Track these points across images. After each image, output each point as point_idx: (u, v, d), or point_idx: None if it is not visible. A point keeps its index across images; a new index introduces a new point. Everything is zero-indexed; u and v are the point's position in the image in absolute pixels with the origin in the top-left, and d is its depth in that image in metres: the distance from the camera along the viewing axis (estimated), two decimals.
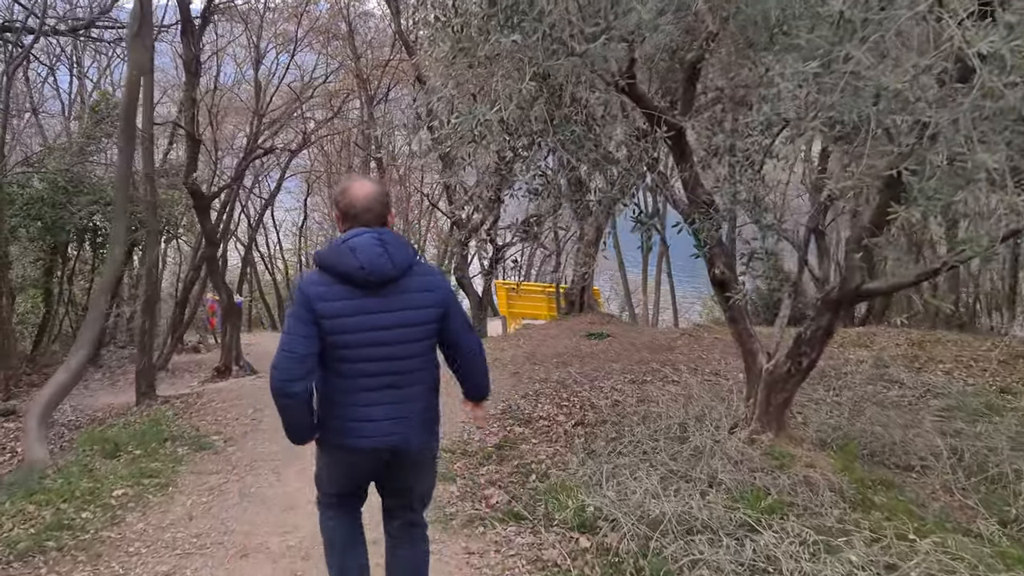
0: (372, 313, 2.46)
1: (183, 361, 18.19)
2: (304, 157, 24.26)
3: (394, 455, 2.59)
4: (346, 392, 2.52)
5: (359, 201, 2.53)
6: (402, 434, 2.56)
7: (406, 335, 2.51)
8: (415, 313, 2.51)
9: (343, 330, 2.44)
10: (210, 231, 11.82)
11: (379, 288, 2.45)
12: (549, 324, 9.25)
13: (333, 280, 2.46)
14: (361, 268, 2.42)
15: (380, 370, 2.50)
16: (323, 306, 2.43)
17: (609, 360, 7.73)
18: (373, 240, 2.45)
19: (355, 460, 2.63)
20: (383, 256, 2.44)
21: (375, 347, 2.47)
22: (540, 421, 5.94)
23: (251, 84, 16.88)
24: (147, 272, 8.42)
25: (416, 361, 2.56)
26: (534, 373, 7.32)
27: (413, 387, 2.57)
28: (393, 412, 2.54)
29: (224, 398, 7.89)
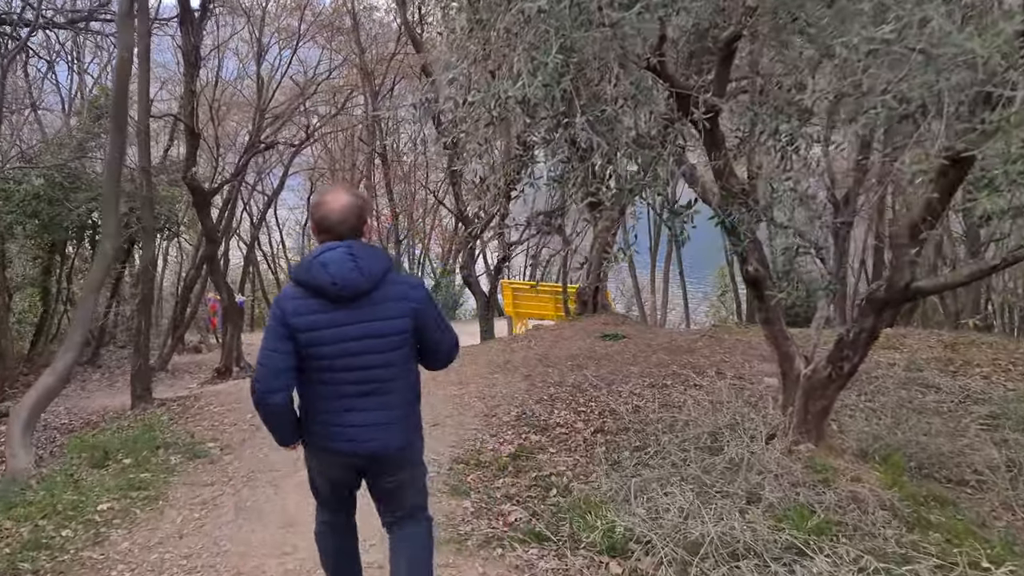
0: (345, 325, 2.53)
1: (183, 362, 17.85)
2: (308, 155, 23.94)
3: (374, 460, 2.67)
4: (326, 399, 2.60)
5: (333, 214, 2.58)
6: (381, 440, 2.63)
7: (380, 345, 2.57)
8: (388, 324, 2.58)
9: (319, 342, 2.52)
10: (210, 229, 11.47)
11: (351, 301, 2.52)
12: (561, 325, 8.88)
13: (307, 294, 2.53)
14: (333, 283, 2.49)
15: (357, 379, 2.58)
16: (297, 320, 2.51)
17: (626, 363, 7.36)
18: (344, 255, 2.51)
19: (337, 463, 2.71)
20: (354, 271, 2.50)
21: (350, 357, 2.55)
22: (557, 428, 5.57)
23: (253, 80, 16.58)
24: (143, 271, 8.07)
25: (392, 370, 2.62)
26: (548, 376, 6.95)
27: (391, 394, 2.64)
28: (371, 419, 2.61)
29: (222, 401, 7.53)
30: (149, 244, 8.09)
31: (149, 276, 8.14)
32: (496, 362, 7.47)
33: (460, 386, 6.71)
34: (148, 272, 8.03)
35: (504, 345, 8.37)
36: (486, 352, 8.18)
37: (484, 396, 6.41)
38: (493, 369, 7.24)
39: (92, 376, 15.68)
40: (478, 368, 7.34)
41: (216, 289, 12.25)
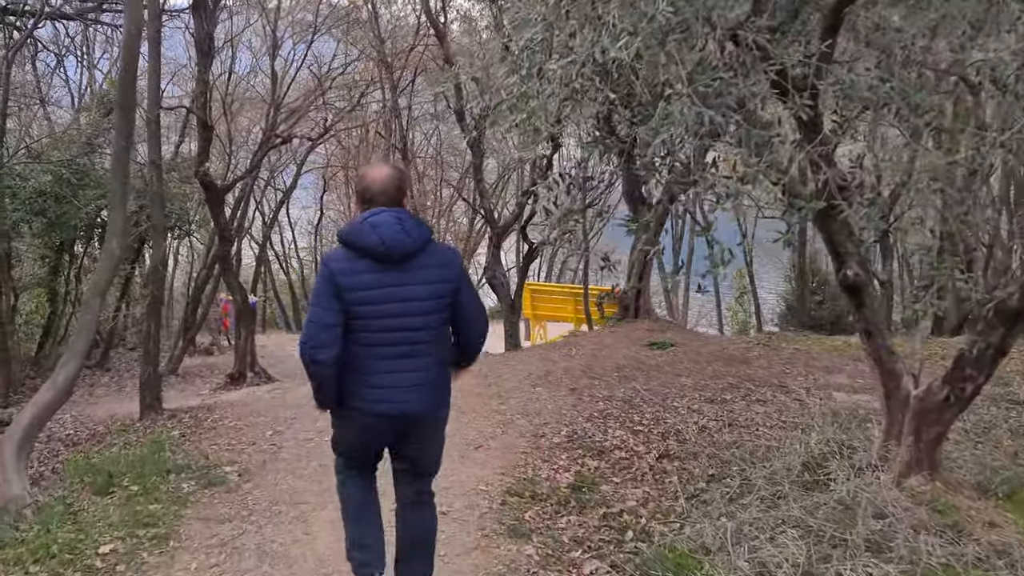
0: (390, 287, 2.61)
1: (194, 365, 17.31)
2: (320, 153, 23.39)
3: (406, 421, 2.73)
4: (364, 359, 2.65)
5: (375, 184, 2.72)
6: (414, 401, 2.70)
7: (420, 308, 2.65)
8: (430, 288, 2.67)
9: (363, 302, 2.60)
10: (224, 227, 10.91)
11: (397, 263, 2.61)
12: (601, 332, 8.24)
13: (355, 255, 2.62)
14: (381, 243, 2.58)
15: (396, 340, 2.65)
16: (344, 280, 2.59)
17: (677, 374, 6.73)
18: (392, 218, 2.62)
19: (369, 424, 2.75)
20: (401, 233, 2.60)
21: (391, 318, 2.63)
22: (616, 452, 4.94)
23: (267, 74, 16.03)
24: (153, 271, 7.51)
25: (430, 333, 2.70)
26: (595, 390, 6.33)
27: (426, 357, 2.70)
28: (406, 380, 2.68)
29: (238, 414, 6.94)
30: (160, 243, 7.51)
31: (159, 277, 7.57)
32: (536, 374, 6.85)
33: (500, 400, 6.10)
34: (158, 272, 7.46)
35: (541, 354, 7.75)
36: (522, 362, 7.56)
37: (528, 413, 5.78)
38: (534, 382, 6.62)
39: (100, 380, 15.14)
40: (517, 380, 6.72)
41: (229, 290, 11.69)
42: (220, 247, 10.93)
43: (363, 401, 2.68)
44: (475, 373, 7.01)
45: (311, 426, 5.85)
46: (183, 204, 15.57)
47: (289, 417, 6.38)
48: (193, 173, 10.43)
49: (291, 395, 7.96)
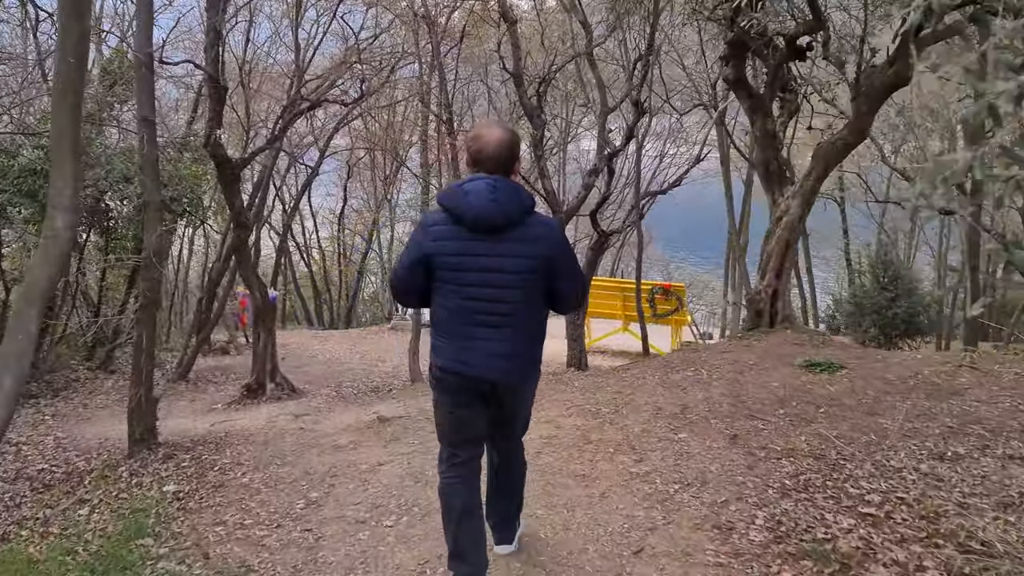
0: (478, 256, 2.59)
1: (208, 367, 15.53)
2: (344, 135, 21.53)
3: (491, 387, 2.71)
4: (455, 323, 2.68)
5: (488, 147, 2.65)
6: (504, 369, 2.69)
7: (508, 280, 2.61)
8: (519, 262, 2.61)
9: (449, 267, 2.62)
10: (239, 211, 9.07)
11: (487, 233, 2.58)
12: (732, 344, 6.27)
13: (449, 220, 2.61)
14: (471, 211, 2.55)
15: (483, 309, 2.63)
16: (433, 244, 2.62)
17: (869, 412, 4.77)
18: (486, 187, 2.57)
19: (463, 388, 2.73)
20: (493, 203, 2.55)
21: (476, 287, 2.62)
22: (856, 560, 3.01)
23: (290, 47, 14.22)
24: (145, 265, 5.67)
25: (518, 306, 2.65)
26: (763, 437, 4.39)
27: (515, 328, 2.67)
28: (492, 349, 2.66)
29: (256, 459, 5.10)
30: (154, 226, 5.67)
31: (154, 274, 5.72)
32: (668, 410, 4.91)
33: (635, 455, 4.18)
34: (152, 267, 5.63)
35: (657, 375, 5.82)
36: (633, 386, 5.63)
37: (687, 480, 3.86)
38: (671, 422, 4.68)
39: (102, 386, 13.36)
40: (644, 419, 4.79)
41: (246, 285, 9.87)
42: (235, 235, 9.14)
43: (457, 364, 2.68)
44: (582, 408, 5.10)
45: (360, 492, 3.98)
46: (196, 187, 13.81)
47: (326, 472, 4.51)
48: (204, 144, 8.58)
49: (325, 425, 6.11)
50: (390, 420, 5.64)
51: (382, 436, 5.28)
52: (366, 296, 32.30)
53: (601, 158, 10.54)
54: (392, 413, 6.07)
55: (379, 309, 31.54)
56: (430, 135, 12.98)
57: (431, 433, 5.21)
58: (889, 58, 5.46)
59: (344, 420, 6.19)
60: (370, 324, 28.29)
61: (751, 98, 6.30)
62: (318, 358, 18.00)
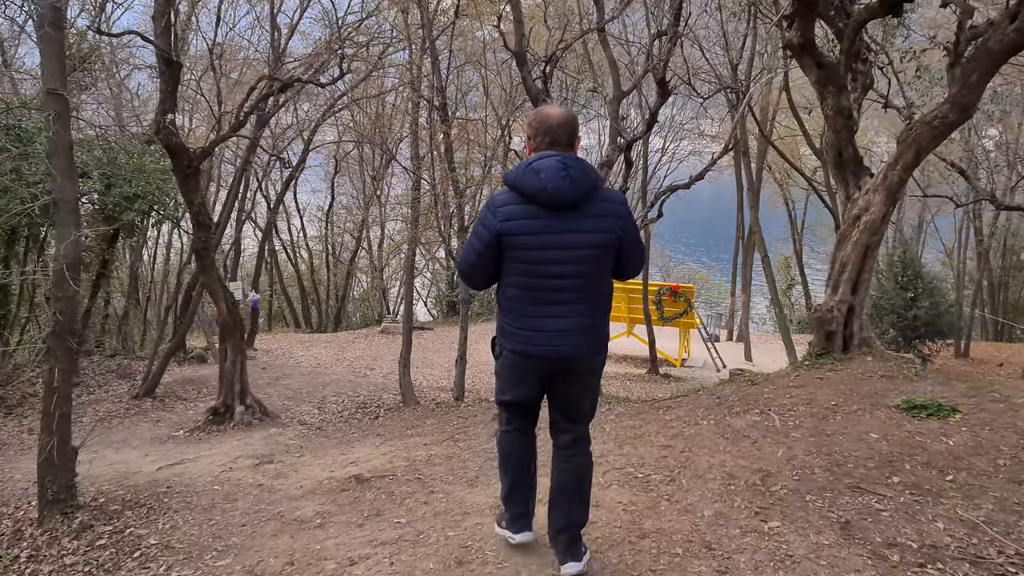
0: (550, 233, 2.58)
1: (180, 379, 14.24)
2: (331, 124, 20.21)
3: (563, 364, 2.72)
4: (525, 303, 2.67)
5: (553, 119, 2.68)
6: (572, 345, 2.68)
7: (583, 256, 2.62)
8: (594, 236, 2.62)
9: (522, 246, 2.59)
10: (199, 209, 7.77)
11: (560, 209, 2.57)
12: (803, 375, 4.94)
13: (519, 199, 2.60)
14: (544, 189, 2.54)
15: (556, 286, 2.63)
16: (505, 224, 2.59)
17: (1012, 479, 3.52)
18: (558, 163, 2.57)
19: (529, 366, 2.73)
20: (566, 180, 2.55)
21: (551, 264, 2.61)
22: None
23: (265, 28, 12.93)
24: (56, 279, 4.39)
25: (590, 280, 2.66)
26: (883, 525, 3.15)
27: (586, 303, 2.67)
28: (567, 325, 2.65)
29: (194, 542, 3.83)
30: (66, 230, 4.39)
31: (66, 291, 4.43)
32: (743, 478, 3.64)
33: (716, 564, 2.91)
34: (64, 284, 4.34)
35: (711, 419, 4.53)
36: (687, 436, 4.36)
37: None
38: (752, 499, 3.41)
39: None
40: (716, 496, 3.51)
41: (209, 293, 8.58)
42: (197, 236, 7.85)
43: (527, 344, 2.69)
44: (623, 472, 3.85)
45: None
46: (164, 183, 12.52)
47: (278, 573, 3.25)
48: (155, 131, 7.28)
49: (291, 481, 4.85)
50: (370, 481, 4.37)
51: (360, 506, 4.02)
52: (356, 295, 30.96)
53: (615, 148, 9.29)
54: (375, 465, 4.81)
55: (369, 309, 30.23)
56: (421, 125, 11.69)
57: (423, 503, 3.94)
58: (1010, 10, 4.23)
59: (315, 474, 4.93)
60: (360, 326, 27.00)
61: (821, 68, 5.07)
62: (302, 366, 16.68)
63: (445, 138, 9.68)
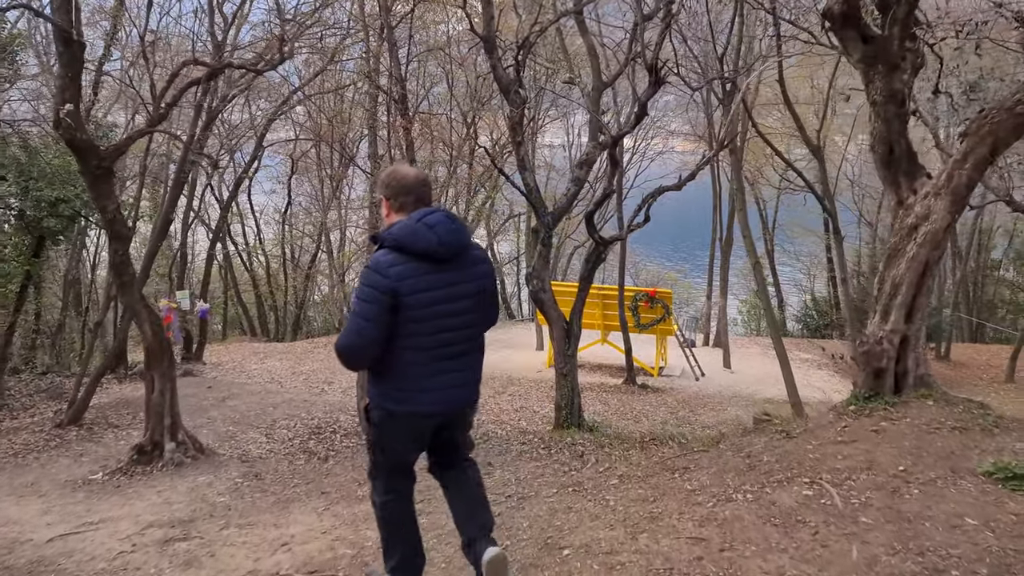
0: (442, 288, 2.57)
1: (118, 400, 12.93)
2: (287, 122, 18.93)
3: (457, 415, 2.76)
4: (418, 364, 2.59)
5: (411, 178, 2.70)
6: (467, 395, 2.75)
7: (467, 307, 2.64)
8: (479, 283, 2.68)
9: (418, 305, 2.53)
10: (114, 216, 6.57)
11: (449, 262, 2.59)
12: (849, 427, 3.91)
13: (406, 258, 2.54)
14: (441, 243, 2.54)
15: (453, 339, 2.62)
16: (404, 284, 2.51)
17: None
18: (445, 217, 2.61)
19: (424, 425, 2.71)
20: (457, 232, 2.60)
21: (448, 318, 2.59)
22: None
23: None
24: None
25: (475, 331, 2.71)
26: None
27: (474, 353, 2.74)
28: (459, 379, 2.68)
29: None
30: None
31: None
32: None
33: None
34: None
35: (748, 490, 3.50)
36: (722, 520, 3.32)
37: None
38: None
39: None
40: None
41: (133, 314, 7.38)
42: (112, 249, 6.66)
43: (419, 404, 2.63)
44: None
45: None
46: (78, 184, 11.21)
47: None
48: (54, 123, 6.07)
49: (215, 568, 3.73)
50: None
51: None
52: (317, 300, 29.54)
53: (596, 145, 8.29)
54: (311, 554, 3.72)
55: (330, 315, 28.89)
56: (380, 120, 10.56)
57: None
58: None
59: (235, 564, 3.81)
60: (321, 333, 25.68)
61: (867, 43, 4.11)
62: (254, 382, 15.38)
63: (406, 134, 8.56)
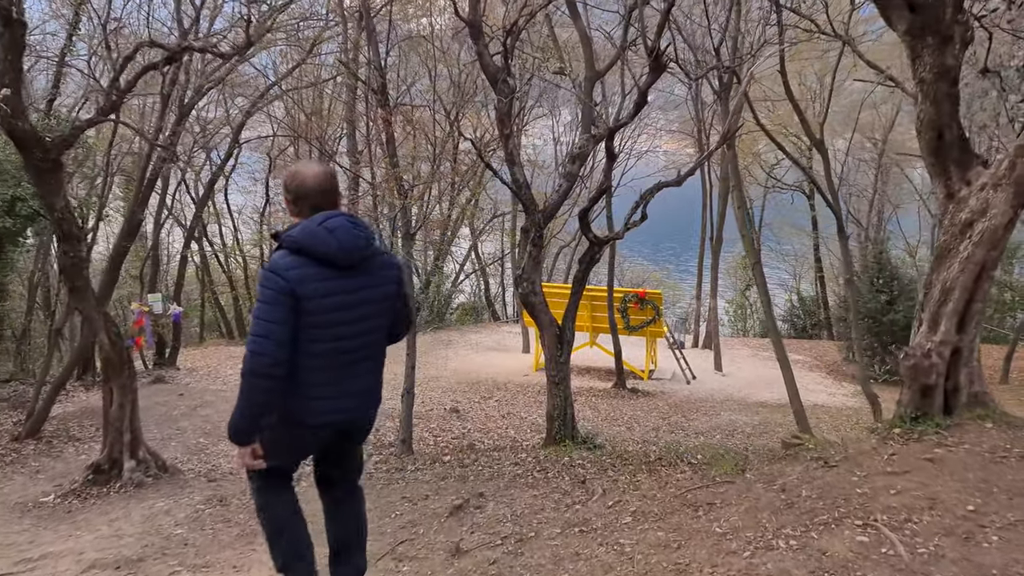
0: (348, 293, 2.49)
1: (83, 409, 12.26)
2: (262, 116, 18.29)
3: (353, 425, 2.67)
4: (319, 371, 2.50)
5: (309, 182, 2.55)
6: (367, 404, 2.67)
7: (378, 310, 2.58)
8: (383, 290, 2.59)
9: (318, 311, 2.44)
10: (63, 215, 5.96)
11: (352, 268, 2.50)
12: (898, 455, 3.42)
13: (305, 261, 2.45)
14: (341, 248, 2.45)
15: (356, 346, 2.54)
16: (304, 288, 2.41)
17: None
18: (347, 221, 2.51)
19: (318, 435, 2.61)
20: (359, 237, 2.49)
21: (347, 325, 2.50)
22: None
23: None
24: None
25: (378, 338, 2.63)
26: None
27: (376, 360, 2.65)
28: (363, 385, 2.61)
29: None
30: None
31: None
32: None
33: None
34: None
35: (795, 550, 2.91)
36: None
37: None
38: None
39: None
40: None
41: (86, 322, 6.78)
42: (62, 251, 6.06)
43: (318, 415, 2.53)
44: None
45: None
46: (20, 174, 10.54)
47: None
48: None
49: None
50: None
51: None
52: None
53: (590, 138, 7.77)
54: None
55: None
56: (359, 113, 10.01)
57: None
58: None
59: None
60: None
61: (915, 12, 3.62)
62: (228, 388, 14.73)
63: (385, 126, 8.01)
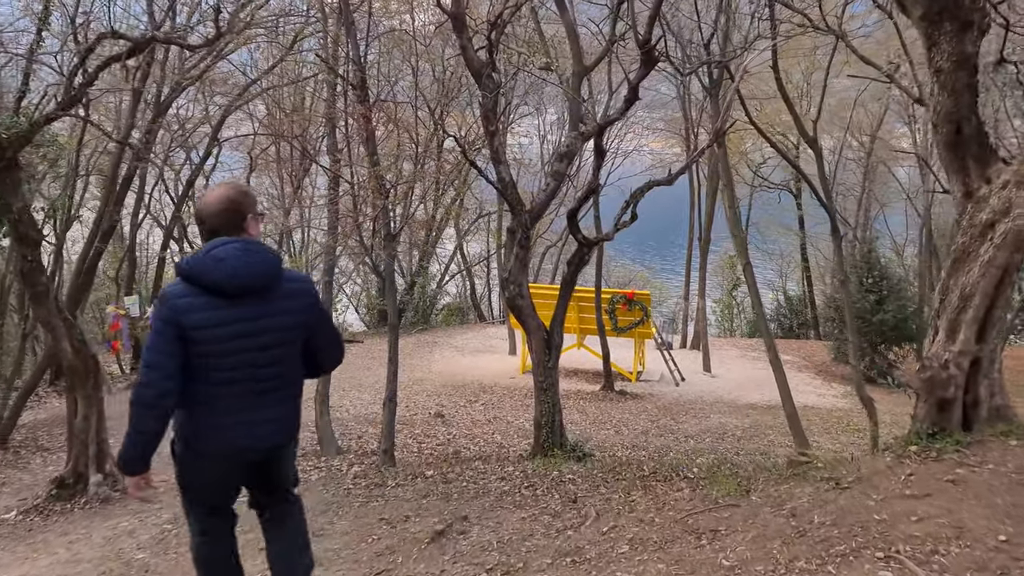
0: (243, 322, 2.42)
1: (55, 416, 11.82)
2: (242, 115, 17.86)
3: (269, 453, 2.62)
4: (220, 399, 2.47)
5: (208, 207, 2.51)
6: (278, 434, 2.60)
7: (278, 340, 2.50)
8: (286, 319, 2.51)
9: (212, 340, 2.39)
10: (20, 216, 5.58)
11: (246, 298, 2.43)
12: (916, 477, 3.18)
13: (198, 291, 2.40)
14: (230, 278, 2.39)
15: (255, 376, 2.48)
16: (190, 319, 2.37)
17: None
18: (239, 249, 2.43)
19: (231, 464, 2.59)
20: (252, 265, 2.42)
21: (243, 355, 2.44)
22: None
23: None
24: None
25: (282, 367, 2.55)
26: None
27: (279, 391, 2.57)
28: (270, 415, 2.54)
29: None
30: None
31: None
32: None
33: None
34: None
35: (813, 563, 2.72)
36: None
37: None
38: None
39: None
40: None
41: (47, 328, 6.40)
42: (19, 255, 5.68)
43: (225, 443, 2.50)
44: None
45: None
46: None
47: None
48: None
49: None
50: None
51: None
52: None
53: (578, 135, 7.49)
54: None
55: None
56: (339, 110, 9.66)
57: None
58: None
59: None
60: None
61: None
62: None
63: (365, 123, 7.69)
